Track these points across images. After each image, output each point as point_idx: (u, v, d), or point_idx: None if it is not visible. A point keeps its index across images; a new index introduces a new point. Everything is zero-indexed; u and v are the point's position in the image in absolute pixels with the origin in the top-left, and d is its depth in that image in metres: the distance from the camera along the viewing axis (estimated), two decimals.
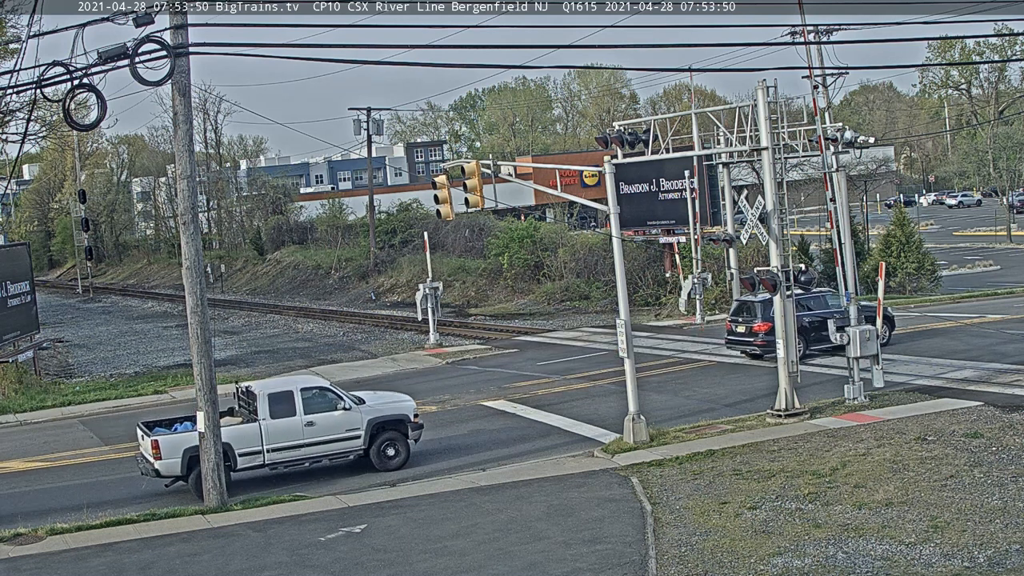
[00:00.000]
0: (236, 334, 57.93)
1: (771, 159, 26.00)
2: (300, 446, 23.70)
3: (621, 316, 24.67)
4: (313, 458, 24.00)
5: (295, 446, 23.67)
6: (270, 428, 23.47)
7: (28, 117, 41.52)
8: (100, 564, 18.65)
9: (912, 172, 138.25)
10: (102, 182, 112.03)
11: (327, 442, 24.00)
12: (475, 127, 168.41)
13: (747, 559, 16.40)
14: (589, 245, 58.81)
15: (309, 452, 23.82)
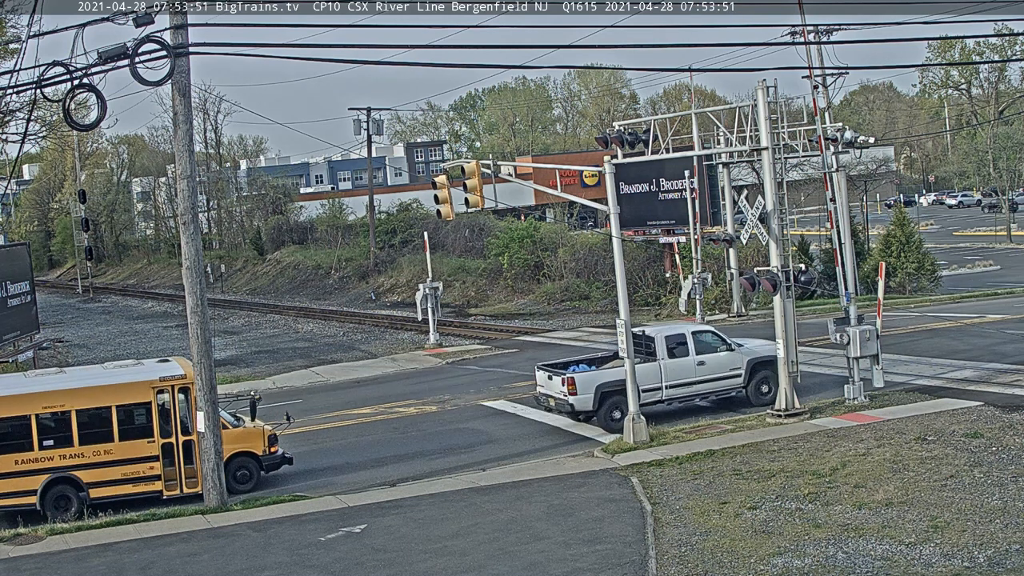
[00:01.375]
0: (236, 334, 57.94)
1: (771, 159, 26.00)
2: (693, 383, 26.68)
3: (621, 316, 24.67)
4: (702, 394, 26.80)
5: (689, 383, 26.70)
6: (668, 367, 26.60)
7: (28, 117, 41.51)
8: (100, 564, 18.66)
9: (912, 172, 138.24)
10: (102, 182, 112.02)
11: (714, 380, 27.13)
12: (475, 127, 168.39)
13: (747, 559, 16.40)
14: (589, 245, 58.81)
15: (699, 389, 26.69)
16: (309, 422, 30.66)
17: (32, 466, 22.40)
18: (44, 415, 22.54)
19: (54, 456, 22.41)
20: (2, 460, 22.18)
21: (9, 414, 22.33)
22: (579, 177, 78.29)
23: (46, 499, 22.38)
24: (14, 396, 22.62)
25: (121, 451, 22.76)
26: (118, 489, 22.79)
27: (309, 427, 30.02)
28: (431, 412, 30.92)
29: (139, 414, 23.05)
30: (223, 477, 21.99)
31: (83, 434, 22.64)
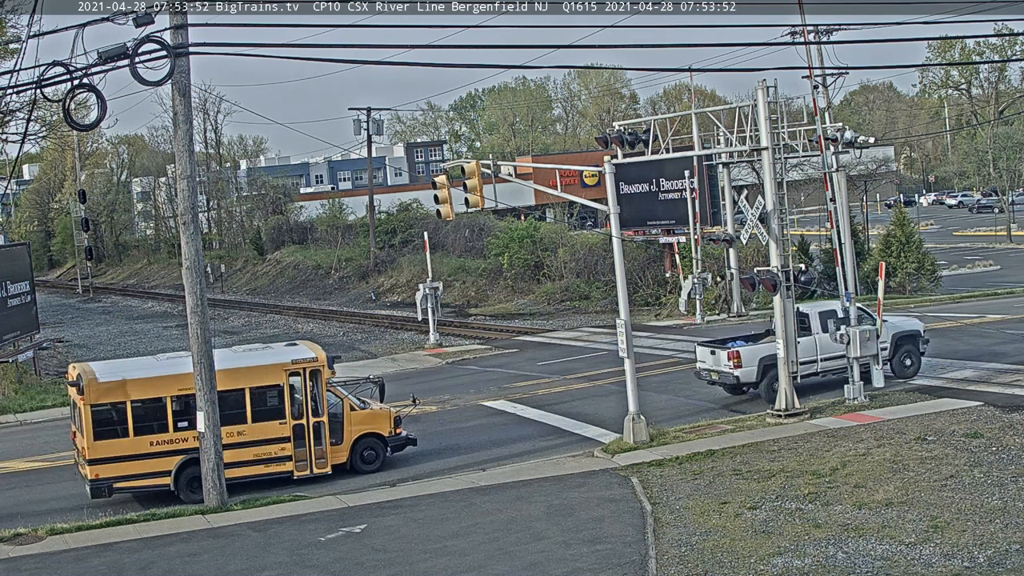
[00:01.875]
0: (236, 334, 57.91)
1: (771, 159, 26.00)
2: (844, 356, 26.95)
3: (621, 316, 24.68)
4: None
5: (840, 356, 27.22)
6: (822, 341, 27.77)
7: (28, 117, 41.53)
8: (100, 564, 18.65)
9: (912, 172, 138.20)
10: (102, 182, 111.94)
11: None
12: (475, 127, 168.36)
13: (747, 559, 16.40)
14: (589, 245, 58.79)
15: None
16: None
17: (167, 447, 22.86)
18: (180, 397, 22.95)
19: (188, 437, 22.77)
20: (138, 442, 22.69)
21: (145, 396, 22.85)
22: (579, 177, 78.27)
23: (180, 480, 22.88)
24: (150, 378, 23.22)
25: (253, 432, 23.34)
26: (250, 470, 23.37)
27: None
28: (431, 412, 30.91)
29: (271, 396, 23.66)
30: (223, 477, 21.98)
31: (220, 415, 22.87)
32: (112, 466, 22.53)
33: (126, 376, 23.08)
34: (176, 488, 22.86)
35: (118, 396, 22.65)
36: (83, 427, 22.62)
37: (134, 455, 22.60)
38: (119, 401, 22.66)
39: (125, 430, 22.65)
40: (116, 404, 22.66)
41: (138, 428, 22.71)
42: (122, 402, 22.65)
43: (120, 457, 22.54)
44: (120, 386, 22.72)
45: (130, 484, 22.84)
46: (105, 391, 22.59)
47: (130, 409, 22.69)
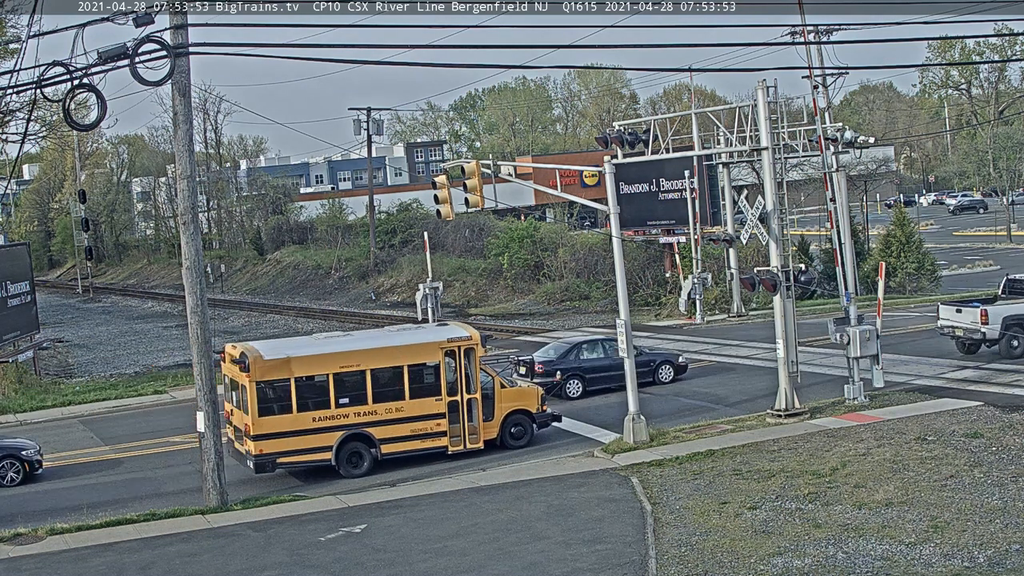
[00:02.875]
0: (236, 334, 57.92)
1: (771, 159, 26.00)
2: None
3: (621, 316, 24.67)
4: None
5: None
6: None
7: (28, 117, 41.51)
8: (100, 564, 18.65)
9: (912, 172, 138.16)
10: (102, 182, 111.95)
11: None
12: (475, 127, 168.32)
13: (747, 559, 16.40)
14: (589, 245, 58.81)
15: None
16: None
17: (329, 423, 23.64)
18: (341, 374, 23.78)
19: (349, 414, 23.77)
20: (301, 418, 23.49)
21: (308, 373, 23.63)
22: (579, 177, 78.28)
23: (340, 455, 23.75)
24: (313, 356, 24.01)
25: (411, 409, 24.19)
26: (407, 445, 24.26)
27: None
28: None
29: (428, 373, 24.51)
30: (223, 477, 21.98)
31: (376, 392, 24.02)
32: (275, 442, 23.38)
33: (290, 354, 23.84)
34: (336, 462, 23.73)
35: (283, 373, 23.45)
36: (248, 404, 23.30)
37: (297, 431, 23.46)
38: (283, 378, 23.47)
39: (288, 406, 23.53)
40: (280, 381, 23.48)
41: (301, 404, 23.58)
42: (286, 379, 23.46)
43: (283, 433, 23.38)
44: (284, 364, 23.49)
45: (292, 459, 23.68)
46: (270, 368, 23.40)
47: (294, 386, 23.52)
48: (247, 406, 23.37)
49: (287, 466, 23.82)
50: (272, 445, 23.36)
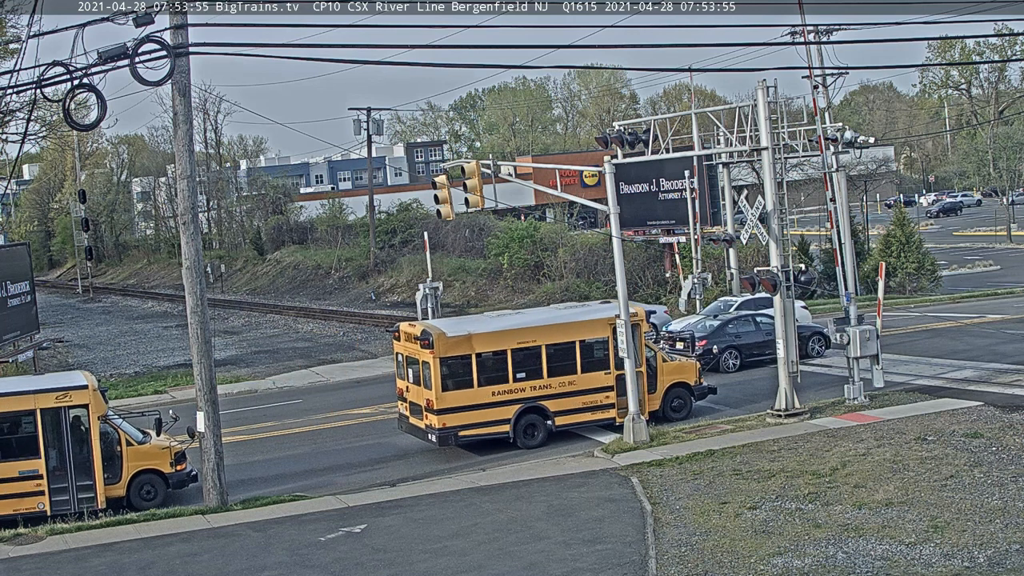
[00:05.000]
0: (236, 334, 57.90)
1: (771, 159, 26.00)
2: None
3: (621, 316, 24.67)
4: None
5: None
6: None
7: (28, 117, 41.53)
8: (100, 564, 18.65)
9: (912, 172, 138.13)
10: (102, 182, 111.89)
11: None
12: (475, 127, 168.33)
13: (747, 559, 16.40)
14: (589, 245, 58.75)
15: None
16: (309, 422, 30.67)
17: (507, 397, 24.92)
18: (518, 350, 25.03)
19: (526, 387, 25.08)
20: (481, 392, 24.78)
21: (488, 349, 24.82)
22: (579, 177, 78.25)
23: (518, 428, 24.96)
24: (493, 333, 25.22)
25: (582, 382, 25.49)
26: (578, 417, 25.57)
27: (309, 427, 30.03)
28: None
29: (598, 348, 25.73)
30: (223, 477, 21.98)
31: (551, 367, 25.24)
32: (457, 415, 24.61)
33: (471, 331, 25.05)
34: (514, 435, 24.98)
35: (464, 350, 24.70)
36: (431, 379, 24.50)
37: (477, 405, 24.69)
38: (465, 354, 24.72)
39: (470, 381, 24.76)
40: (462, 357, 24.70)
41: (482, 379, 24.78)
42: (467, 355, 24.72)
43: (465, 407, 24.62)
44: (466, 340, 24.75)
45: (473, 432, 24.85)
46: (453, 345, 24.61)
47: (475, 362, 24.75)
48: (430, 381, 24.60)
49: (468, 439, 24.91)
50: (454, 419, 24.61)
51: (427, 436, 25.04)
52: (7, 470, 21.74)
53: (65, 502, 22.07)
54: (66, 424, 22.17)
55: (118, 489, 22.59)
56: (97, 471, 22.18)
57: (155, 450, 23.11)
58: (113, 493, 22.49)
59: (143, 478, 22.85)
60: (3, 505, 21.67)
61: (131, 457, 22.68)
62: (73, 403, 22.22)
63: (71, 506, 22.07)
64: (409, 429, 25.98)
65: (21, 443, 22.04)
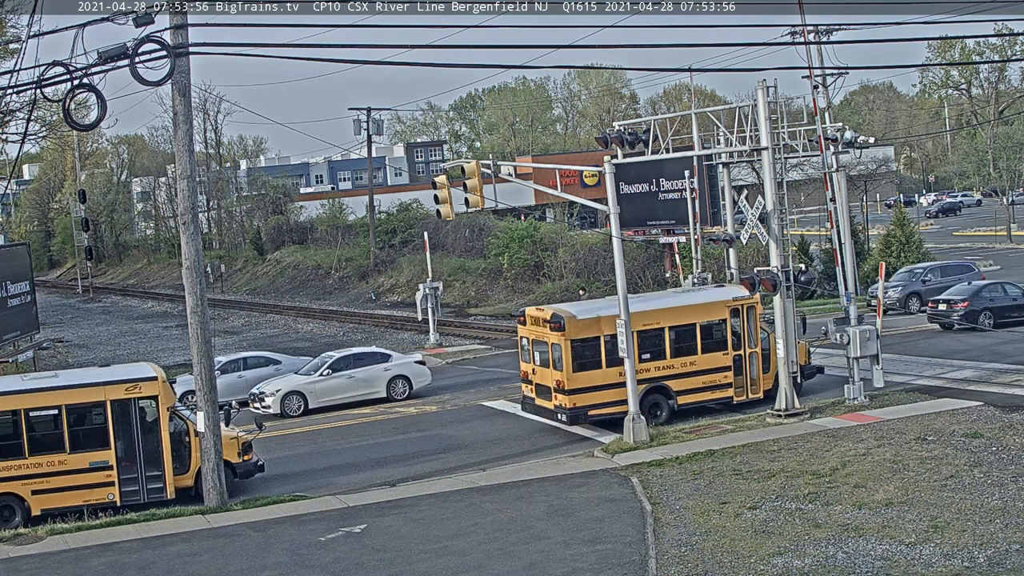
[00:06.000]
0: (236, 334, 57.91)
1: (771, 159, 26.01)
2: None
3: (621, 316, 24.67)
4: None
5: None
6: None
7: (28, 117, 41.44)
8: (100, 564, 18.65)
9: (912, 172, 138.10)
10: (102, 182, 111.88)
11: None
12: (475, 127, 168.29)
13: (747, 559, 16.40)
14: (589, 245, 58.76)
15: None
16: (309, 422, 30.67)
17: (618, 380, 25.25)
18: (643, 331, 25.95)
19: (650, 368, 26.20)
20: (609, 373, 25.62)
21: (615, 331, 24.92)
22: (579, 177, 78.22)
23: (643, 407, 25.49)
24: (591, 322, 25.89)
25: (702, 362, 26.72)
26: (699, 396, 26.72)
27: (309, 427, 30.03)
28: (431, 412, 30.92)
29: (717, 329, 27.00)
30: (223, 477, 21.99)
31: (674, 348, 26.47)
32: (586, 395, 25.67)
33: (600, 314, 25.90)
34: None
35: (593, 332, 25.70)
36: (562, 361, 25.54)
37: (605, 385, 25.58)
38: (594, 336, 25.70)
39: (598, 362, 25.69)
40: (591, 339, 25.70)
41: (609, 360, 25.49)
42: (596, 337, 25.69)
43: (593, 387, 25.62)
44: (595, 323, 25.70)
45: (600, 412, 25.87)
46: (583, 327, 25.64)
47: (603, 343, 25.59)
48: (561, 363, 25.60)
49: (595, 418, 25.92)
50: (584, 399, 25.66)
51: (556, 416, 26.14)
52: (77, 461, 22.12)
53: (134, 492, 22.42)
54: (136, 415, 22.49)
55: (186, 479, 22.86)
56: (166, 461, 22.55)
57: (223, 440, 23.31)
58: (182, 483, 22.81)
59: None
60: (73, 496, 22.07)
61: (199, 447, 22.94)
62: (142, 394, 22.56)
63: (140, 496, 22.45)
64: (534, 410, 27.16)
65: (91, 434, 22.36)
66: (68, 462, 22.03)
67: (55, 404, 22.22)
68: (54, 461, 22.02)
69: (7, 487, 21.65)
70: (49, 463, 21.99)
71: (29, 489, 21.85)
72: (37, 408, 22.28)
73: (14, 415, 22.01)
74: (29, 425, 22.13)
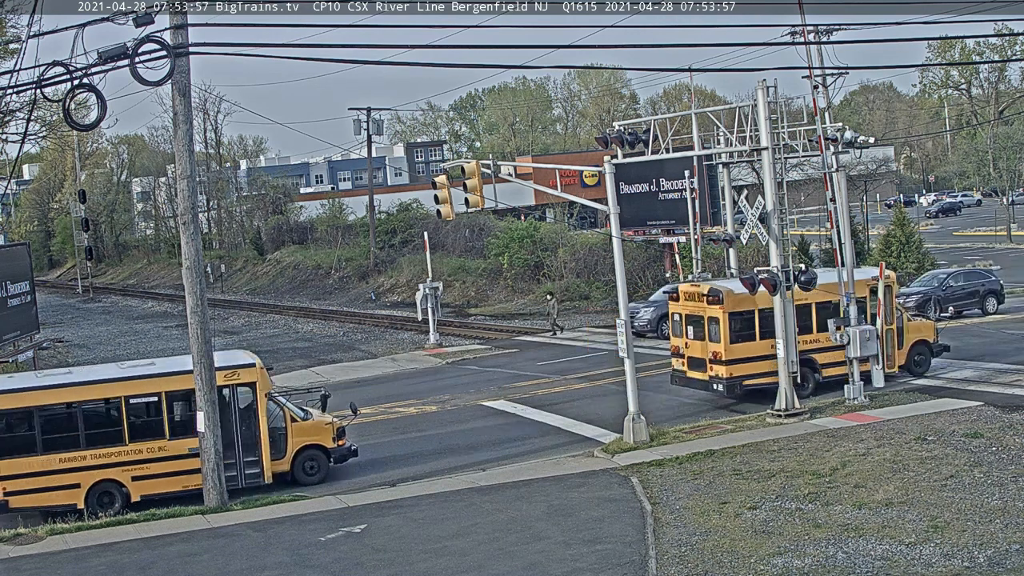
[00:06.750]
0: (236, 334, 57.89)
1: (771, 159, 26.02)
2: None
3: (621, 316, 24.68)
4: None
5: None
6: None
7: (28, 117, 41.46)
8: (100, 564, 18.65)
9: (912, 172, 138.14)
10: (102, 182, 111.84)
11: None
12: (475, 127, 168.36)
13: (747, 559, 16.40)
14: (589, 245, 58.74)
15: None
16: None
17: (770, 352, 26.58)
18: (764, 311, 27.01)
19: (800, 341, 26.96)
20: (762, 344, 27.07)
21: (770, 305, 26.40)
22: (579, 177, 78.20)
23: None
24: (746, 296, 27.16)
25: None
26: (841, 369, 27.64)
27: None
28: (431, 412, 30.92)
29: (859, 306, 27.72)
30: (223, 477, 21.99)
31: (820, 323, 27.92)
32: (741, 366, 27.27)
33: None
34: None
35: (748, 306, 27.21)
36: (720, 333, 27.16)
37: (758, 356, 27.11)
38: (749, 310, 27.33)
39: (752, 335, 27.41)
40: (747, 313, 27.37)
41: (763, 333, 27.17)
42: (751, 311, 27.34)
43: (748, 358, 27.28)
44: (750, 297, 26.73)
45: (754, 382, 27.36)
46: (739, 301, 27.11)
47: (757, 316, 27.25)
48: (719, 335, 27.19)
49: (749, 388, 27.41)
50: (739, 369, 27.22)
51: (711, 386, 27.66)
52: (176, 447, 22.60)
53: (233, 478, 22.86)
54: (234, 402, 23.02)
55: (283, 464, 23.49)
56: (264, 447, 23.09)
57: (319, 426, 24.01)
58: (278, 468, 23.38)
59: (307, 453, 23.84)
60: (172, 482, 22.58)
61: (295, 433, 23.61)
62: (241, 381, 23.11)
63: (239, 482, 22.94)
64: (684, 383, 28.63)
65: (191, 421, 22.62)
66: (168, 448, 22.59)
67: (156, 391, 22.76)
68: (154, 447, 22.59)
69: (108, 474, 22.10)
70: (149, 449, 22.58)
71: (129, 475, 22.42)
72: (138, 395, 22.79)
73: (115, 403, 22.52)
74: (130, 412, 22.61)
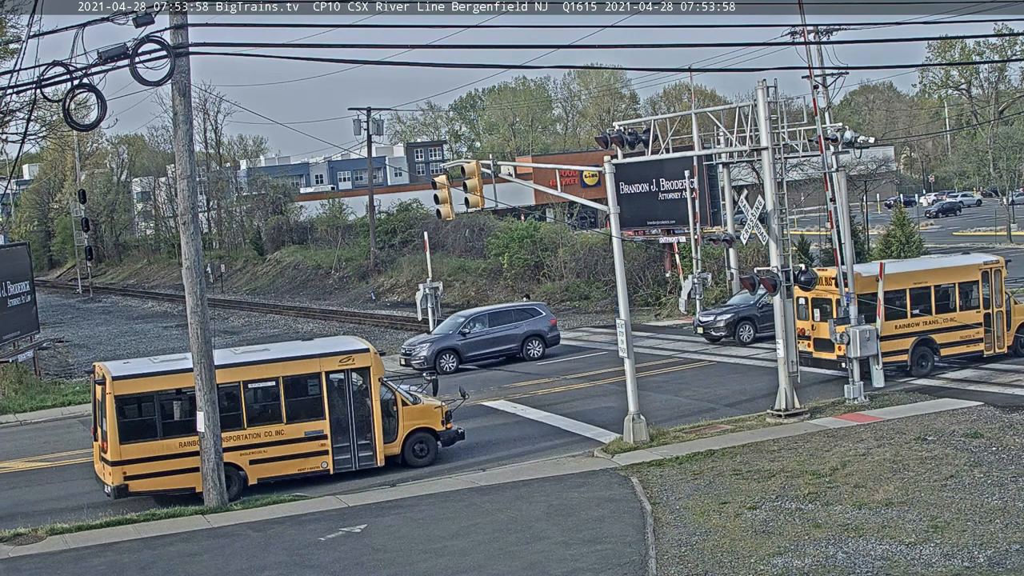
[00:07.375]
0: (236, 334, 57.89)
1: (771, 159, 26.01)
2: None
3: (621, 316, 24.68)
4: None
5: None
6: None
7: (28, 117, 41.52)
8: (100, 564, 18.65)
9: (912, 172, 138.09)
10: (102, 182, 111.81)
11: None
12: (475, 127, 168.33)
13: (747, 559, 16.41)
14: (589, 245, 58.70)
15: None
16: None
17: (905, 330, 28.82)
18: (914, 289, 29.05)
19: (919, 323, 29.20)
20: (886, 325, 27.90)
21: (892, 288, 28.29)
22: (579, 177, 78.21)
23: (913, 357, 29.11)
24: (895, 274, 28.91)
25: (960, 318, 29.68)
26: (956, 349, 29.79)
27: None
28: None
29: (972, 289, 29.90)
30: (223, 477, 21.98)
31: (938, 305, 29.46)
32: None
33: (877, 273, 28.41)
34: (910, 363, 29.08)
35: (873, 288, 28.03)
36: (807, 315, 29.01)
37: (884, 336, 27.50)
38: (873, 292, 28.02)
39: (873, 317, 27.73)
40: (872, 295, 27.99)
41: (887, 315, 28.01)
42: (874, 293, 28.05)
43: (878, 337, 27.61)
44: (874, 281, 28.00)
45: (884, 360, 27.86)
46: (865, 284, 28.13)
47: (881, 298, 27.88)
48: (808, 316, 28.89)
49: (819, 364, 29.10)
50: None
51: (839, 365, 28.19)
52: (294, 431, 23.05)
53: (346, 461, 23.45)
54: (349, 386, 23.43)
55: (394, 447, 24.08)
56: (377, 431, 23.68)
57: (429, 409, 24.67)
58: (390, 451, 23.99)
59: (417, 436, 24.41)
60: (289, 465, 23.06)
61: (406, 416, 24.16)
62: (355, 366, 23.58)
63: (352, 464, 23.52)
64: (812, 363, 29.44)
65: (307, 405, 23.27)
66: (285, 432, 22.98)
67: (274, 376, 23.17)
68: (271, 431, 22.99)
69: (226, 457, 22.22)
70: (267, 433, 22.99)
71: (247, 459, 22.84)
72: (256, 380, 23.20)
73: (234, 388, 22.87)
74: (248, 397, 23.07)
